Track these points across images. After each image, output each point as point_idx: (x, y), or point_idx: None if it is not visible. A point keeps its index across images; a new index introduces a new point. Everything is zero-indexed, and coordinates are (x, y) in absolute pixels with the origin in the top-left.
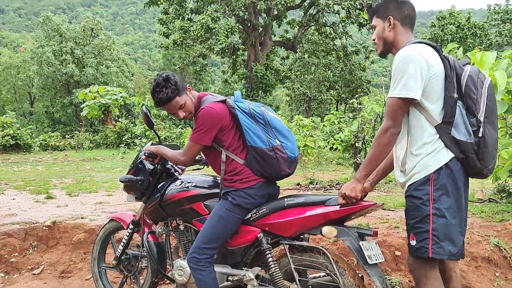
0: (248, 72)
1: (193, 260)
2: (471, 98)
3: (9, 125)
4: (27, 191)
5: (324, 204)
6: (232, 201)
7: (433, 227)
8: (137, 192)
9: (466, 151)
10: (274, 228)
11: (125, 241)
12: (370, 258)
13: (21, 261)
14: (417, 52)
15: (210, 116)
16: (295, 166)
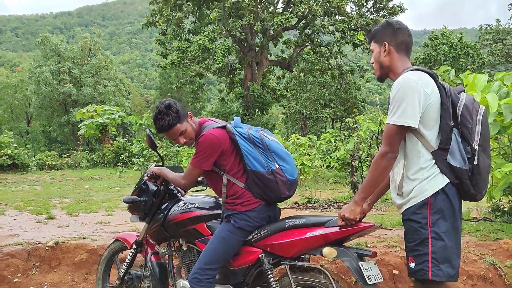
0: (245, 91)
1: (195, 281)
2: (466, 127)
3: (6, 145)
4: (28, 211)
5: (324, 225)
6: (234, 224)
7: (432, 250)
8: (140, 212)
9: (461, 177)
10: (275, 249)
11: (128, 261)
12: (369, 279)
13: (24, 282)
14: (415, 81)
15: (210, 142)
16: (294, 189)
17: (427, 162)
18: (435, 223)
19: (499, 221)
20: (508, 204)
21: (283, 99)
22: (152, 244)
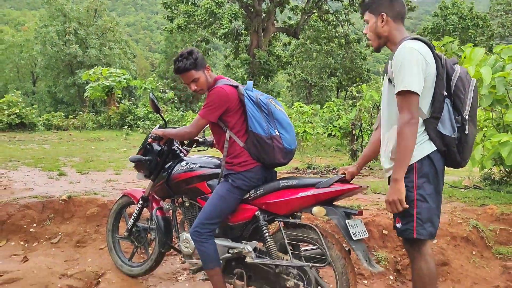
0: (251, 57)
1: (196, 234)
2: (459, 97)
3: (14, 104)
4: (39, 168)
5: (315, 186)
6: (232, 183)
7: (417, 211)
8: (146, 171)
9: (449, 145)
10: (270, 207)
11: (135, 215)
12: (354, 235)
13: (40, 231)
14: (417, 50)
15: (220, 95)
16: (290, 158)
17: (418, 129)
18: (421, 186)
19: (488, 189)
20: (499, 174)
21: (288, 67)
22: (157, 200)
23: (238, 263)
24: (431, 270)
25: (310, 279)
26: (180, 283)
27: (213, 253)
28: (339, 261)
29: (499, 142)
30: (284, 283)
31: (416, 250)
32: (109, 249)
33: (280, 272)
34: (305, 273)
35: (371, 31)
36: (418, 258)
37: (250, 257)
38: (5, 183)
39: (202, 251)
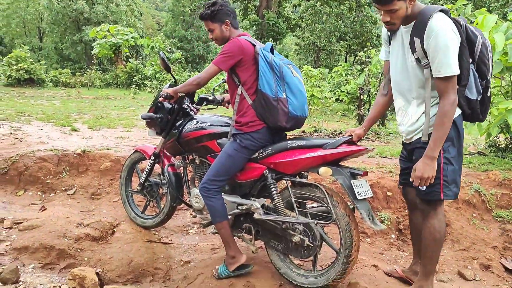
0: (260, 18)
1: (204, 189)
2: (484, 63)
3: (23, 59)
4: (51, 123)
5: (322, 147)
6: (240, 143)
7: (443, 173)
8: (157, 128)
9: (474, 107)
10: (278, 166)
11: (147, 170)
12: (359, 194)
13: (56, 183)
14: (451, 29)
15: (235, 45)
16: (294, 124)
17: None
18: (447, 150)
19: (492, 156)
20: (505, 141)
21: (297, 29)
22: (168, 157)
23: (247, 219)
24: (442, 228)
25: (315, 235)
26: (190, 236)
27: (221, 208)
28: (344, 219)
29: (506, 109)
30: (290, 238)
31: (432, 209)
32: (123, 202)
33: (287, 228)
34: (310, 229)
35: (400, 15)
36: (432, 216)
37: (258, 213)
38: (21, 136)
39: (210, 206)
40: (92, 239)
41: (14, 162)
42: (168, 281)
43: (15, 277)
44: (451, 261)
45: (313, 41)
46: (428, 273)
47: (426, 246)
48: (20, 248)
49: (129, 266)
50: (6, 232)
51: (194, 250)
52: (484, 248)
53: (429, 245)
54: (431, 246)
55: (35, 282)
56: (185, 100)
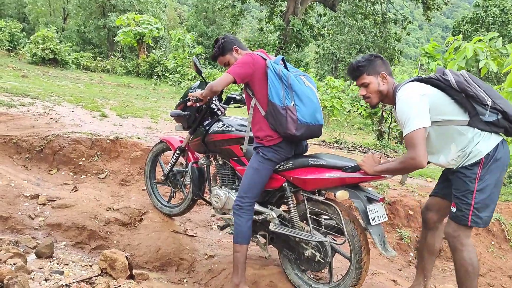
0: (285, 24)
1: (237, 207)
2: (469, 93)
3: (49, 39)
4: (80, 106)
5: (341, 169)
6: (263, 156)
7: (475, 201)
8: (185, 123)
9: (504, 125)
10: (296, 182)
11: (172, 162)
12: (373, 220)
13: (88, 166)
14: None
15: (247, 58)
16: (306, 132)
17: (470, 132)
18: (482, 178)
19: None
20: None
21: (320, 38)
22: (193, 152)
23: (262, 226)
24: (474, 260)
25: (327, 251)
26: (214, 231)
27: (247, 231)
28: (355, 239)
29: None
30: (303, 251)
31: (461, 239)
32: (149, 194)
33: (300, 241)
34: (322, 245)
35: (374, 91)
36: (460, 249)
37: (274, 223)
38: (55, 117)
39: (238, 225)
40: (121, 224)
41: (49, 141)
42: (193, 273)
43: (50, 252)
44: None
45: (333, 51)
46: None
47: (461, 280)
48: (53, 225)
49: (157, 253)
50: (40, 208)
51: (218, 245)
52: (500, 276)
53: (462, 277)
54: (465, 279)
55: (67, 259)
56: (214, 99)
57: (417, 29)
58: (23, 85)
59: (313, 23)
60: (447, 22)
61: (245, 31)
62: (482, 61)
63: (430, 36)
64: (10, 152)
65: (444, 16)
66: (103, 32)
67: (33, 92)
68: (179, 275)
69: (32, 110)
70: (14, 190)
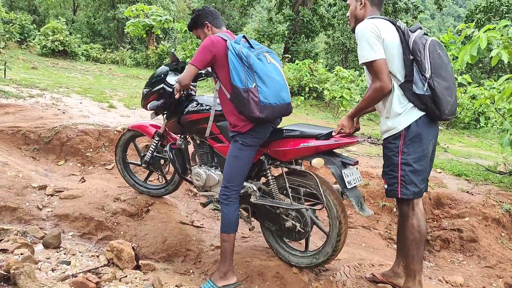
0: (294, 14)
1: (223, 197)
2: (417, 60)
3: (59, 31)
4: (89, 97)
5: (315, 138)
6: (243, 143)
7: (401, 173)
8: (159, 111)
9: (426, 102)
10: (274, 154)
11: (152, 149)
12: (349, 183)
13: (95, 156)
14: (365, 28)
15: (206, 43)
16: (271, 113)
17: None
18: (405, 151)
19: None
20: None
21: (330, 28)
22: (170, 135)
23: (244, 199)
24: (422, 227)
25: (307, 221)
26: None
27: (234, 220)
28: (333, 206)
29: None
30: (284, 223)
31: (410, 209)
32: (122, 175)
33: (280, 212)
34: (302, 215)
35: (351, 14)
36: (410, 216)
37: (255, 196)
38: (63, 108)
39: (225, 214)
40: (128, 215)
41: (57, 133)
42: (199, 263)
43: (57, 242)
44: (476, 277)
45: (343, 41)
46: (414, 273)
47: (408, 247)
48: (61, 216)
49: (163, 244)
50: (48, 198)
51: None
52: (510, 268)
53: (410, 244)
54: (412, 245)
55: (74, 249)
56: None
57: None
58: (33, 76)
59: (323, 13)
60: (460, 11)
61: (255, 22)
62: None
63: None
64: (19, 143)
65: (457, 5)
66: (112, 23)
67: (42, 83)
68: (186, 265)
69: (40, 101)
70: (22, 181)
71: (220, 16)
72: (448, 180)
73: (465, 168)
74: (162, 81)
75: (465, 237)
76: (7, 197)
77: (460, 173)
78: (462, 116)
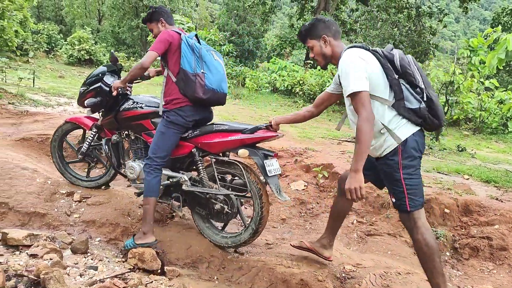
0: None
1: (146, 166)
2: (408, 73)
3: (85, 40)
4: None
5: (241, 132)
6: (167, 118)
7: (406, 188)
8: (96, 108)
9: (423, 115)
10: (204, 146)
11: (90, 140)
12: (270, 172)
13: None
14: (353, 57)
15: (164, 34)
16: (212, 97)
17: (390, 116)
18: (406, 166)
19: None
20: None
21: (352, 33)
22: (108, 130)
23: (175, 189)
24: (428, 241)
25: (233, 204)
26: None
27: (155, 185)
28: (256, 189)
29: None
30: (213, 206)
31: (412, 223)
32: (62, 173)
33: (210, 197)
34: (229, 199)
35: (318, 54)
36: (414, 231)
37: (186, 185)
38: None
39: (147, 181)
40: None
41: None
42: (223, 270)
43: (84, 248)
44: (507, 286)
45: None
46: (438, 286)
47: (422, 262)
48: (88, 221)
49: (187, 250)
50: (76, 205)
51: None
52: None
53: (422, 260)
54: (425, 260)
55: (101, 255)
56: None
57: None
58: (60, 85)
59: (345, 19)
60: (485, 14)
61: (276, 28)
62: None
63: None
64: (47, 150)
65: (482, 8)
66: (136, 32)
67: (69, 92)
68: (210, 272)
69: (68, 109)
70: (50, 187)
71: (173, 16)
72: (476, 186)
73: (493, 174)
74: (100, 80)
75: (495, 245)
76: (36, 203)
77: (488, 179)
78: (489, 121)
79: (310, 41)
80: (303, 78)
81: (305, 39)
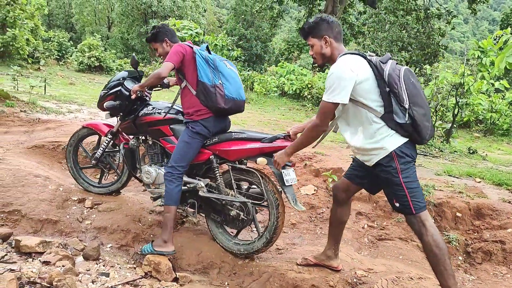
0: None
1: (168, 174)
2: (394, 92)
3: (95, 47)
4: None
5: (260, 141)
6: (192, 129)
7: (408, 191)
8: (115, 112)
9: (408, 130)
10: (222, 153)
11: (104, 146)
12: (287, 181)
13: None
14: (344, 64)
15: (178, 48)
16: (231, 106)
17: (379, 126)
18: (404, 170)
19: None
20: None
21: (360, 36)
22: (123, 135)
23: (191, 195)
24: (438, 243)
25: (249, 210)
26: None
27: (176, 194)
28: (273, 199)
29: None
30: (229, 212)
31: (420, 225)
32: (75, 178)
33: (226, 204)
34: (245, 206)
35: (317, 53)
36: (424, 233)
37: (203, 191)
38: None
39: (169, 189)
40: None
41: None
42: (234, 276)
43: (96, 254)
44: None
45: (374, 49)
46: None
47: (432, 265)
48: (100, 228)
49: (198, 256)
50: (87, 211)
51: None
52: None
53: (433, 262)
54: (436, 263)
55: (113, 261)
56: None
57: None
58: (71, 92)
59: (353, 21)
60: (494, 15)
61: (284, 32)
62: None
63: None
64: (59, 157)
65: (491, 8)
66: (145, 38)
67: (80, 98)
68: (221, 278)
69: (79, 116)
70: (62, 194)
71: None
72: (488, 190)
73: (506, 177)
74: (120, 84)
75: (508, 249)
76: (49, 210)
77: (501, 182)
78: (500, 122)
79: (311, 39)
80: (311, 81)
81: (307, 36)
